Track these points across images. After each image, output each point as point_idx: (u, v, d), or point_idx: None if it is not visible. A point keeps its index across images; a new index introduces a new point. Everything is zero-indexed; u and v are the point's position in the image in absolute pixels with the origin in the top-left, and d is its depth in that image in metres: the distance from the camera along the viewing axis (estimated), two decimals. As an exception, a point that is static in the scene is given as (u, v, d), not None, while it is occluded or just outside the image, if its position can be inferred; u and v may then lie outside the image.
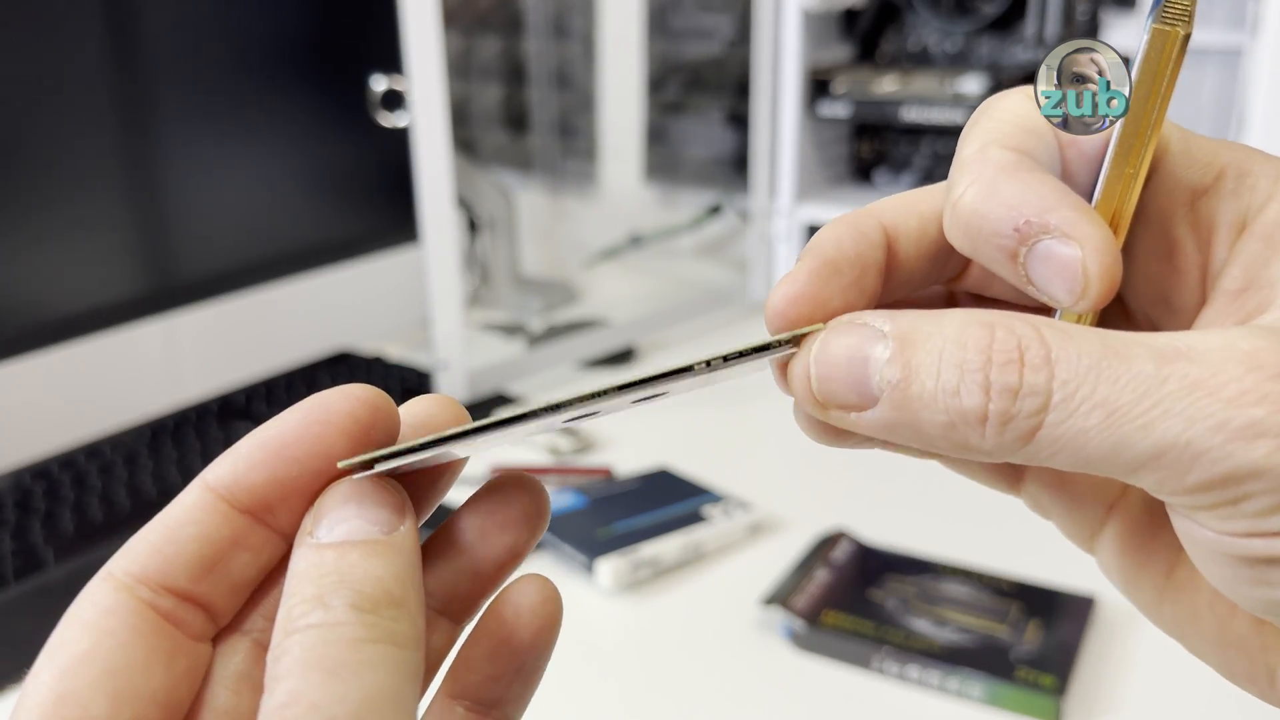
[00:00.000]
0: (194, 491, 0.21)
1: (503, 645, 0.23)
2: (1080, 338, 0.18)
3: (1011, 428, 0.18)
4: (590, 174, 1.39)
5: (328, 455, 0.21)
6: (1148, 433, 0.17)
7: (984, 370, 0.18)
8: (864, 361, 0.20)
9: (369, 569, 0.19)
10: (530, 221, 1.33)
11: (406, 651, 0.19)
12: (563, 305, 1.17)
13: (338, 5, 0.96)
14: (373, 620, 0.19)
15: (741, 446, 0.86)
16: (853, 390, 0.20)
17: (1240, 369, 0.17)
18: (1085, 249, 0.20)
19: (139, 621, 0.20)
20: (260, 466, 0.21)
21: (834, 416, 0.21)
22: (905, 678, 0.56)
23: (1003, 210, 0.20)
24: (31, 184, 0.77)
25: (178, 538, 0.21)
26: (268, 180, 0.94)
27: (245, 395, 0.90)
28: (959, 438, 0.19)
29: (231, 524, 0.21)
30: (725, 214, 1.26)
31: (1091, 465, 0.18)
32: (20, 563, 0.65)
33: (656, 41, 1.30)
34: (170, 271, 0.88)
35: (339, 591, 0.19)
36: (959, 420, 0.19)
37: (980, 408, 0.18)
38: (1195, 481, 0.18)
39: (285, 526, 0.21)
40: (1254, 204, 0.21)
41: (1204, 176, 0.21)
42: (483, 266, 1.17)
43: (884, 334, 0.20)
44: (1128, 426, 0.18)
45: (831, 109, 1.05)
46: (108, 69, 0.80)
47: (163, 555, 0.21)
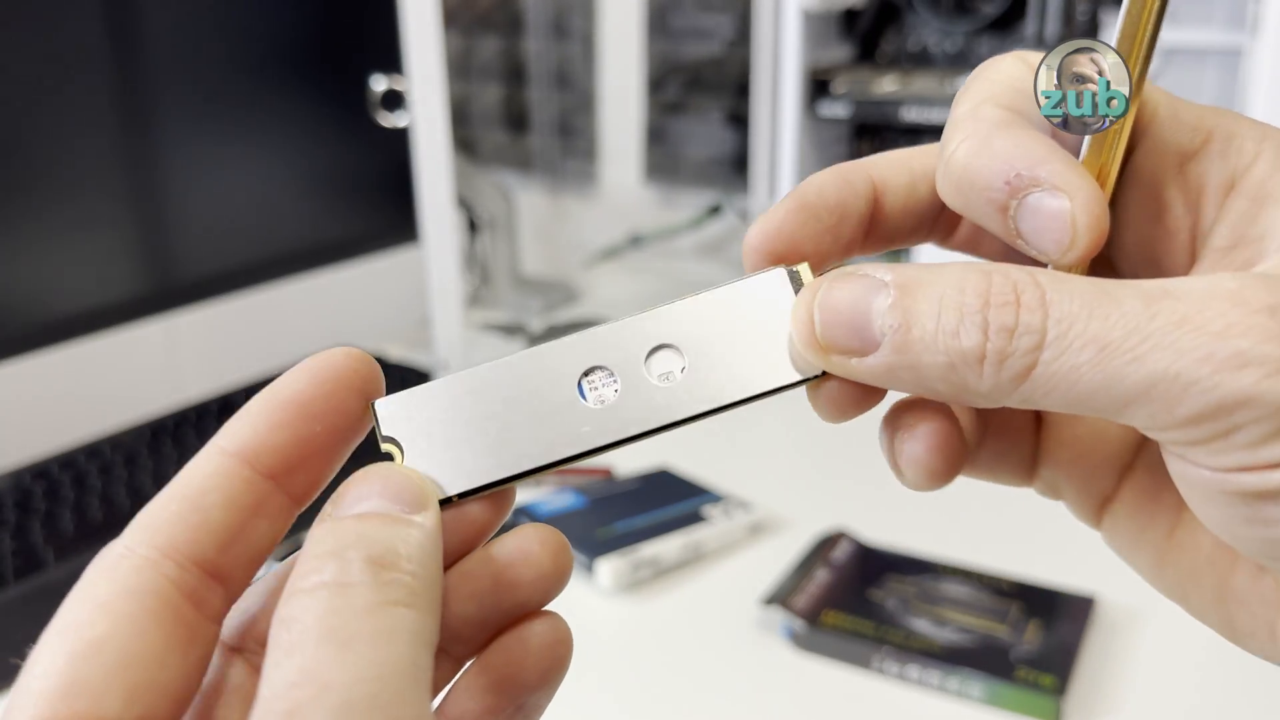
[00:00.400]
0: (211, 458, 0.20)
1: (507, 681, 0.22)
2: (1072, 282, 0.19)
3: (1008, 366, 0.19)
4: (590, 174, 1.39)
5: (342, 411, 0.21)
6: (1138, 366, 0.18)
7: (982, 312, 0.19)
8: (866, 308, 0.20)
9: (391, 533, 0.19)
10: (530, 221, 1.33)
11: (424, 616, 0.18)
12: (563, 305, 1.17)
13: (338, 5, 0.96)
14: (390, 578, 0.18)
15: (741, 446, 0.86)
16: (855, 336, 0.20)
17: (1225, 305, 0.18)
18: (1074, 201, 0.20)
19: (159, 605, 0.19)
20: (284, 426, 0.20)
21: (835, 362, 0.21)
22: (905, 678, 0.56)
23: (994, 164, 0.21)
24: (32, 184, 0.77)
25: (203, 505, 0.20)
26: (268, 180, 0.94)
27: (245, 395, 0.90)
28: (958, 379, 0.19)
29: (254, 489, 0.20)
30: (725, 214, 1.26)
31: (1084, 403, 0.19)
32: (20, 563, 0.65)
33: (656, 41, 1.30)
34: (170, 271, 0.88)
35: (356, 546, 0.18)
36: (958, 360, 0.19)
37: (978, 347, 0.19)
38: (1186, 413, 0.18)
39: (303, 490, 0.21)
40: (1240, 164, 0.21)
41: (1192, 140, 0.22)
42: (483, 266, 1.17)
43: (885, 283, 0.20)
44: (1118, 360, 0.18)
45: (831, 109, 1.05)
46: (108, 69, 0.80)
47: (189, 525, 0.19)
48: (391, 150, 0.91)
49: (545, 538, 0.23)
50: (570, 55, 1.38)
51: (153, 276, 0.87)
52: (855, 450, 0.79)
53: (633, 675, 0.58)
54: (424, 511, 0.20)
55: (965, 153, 0.21)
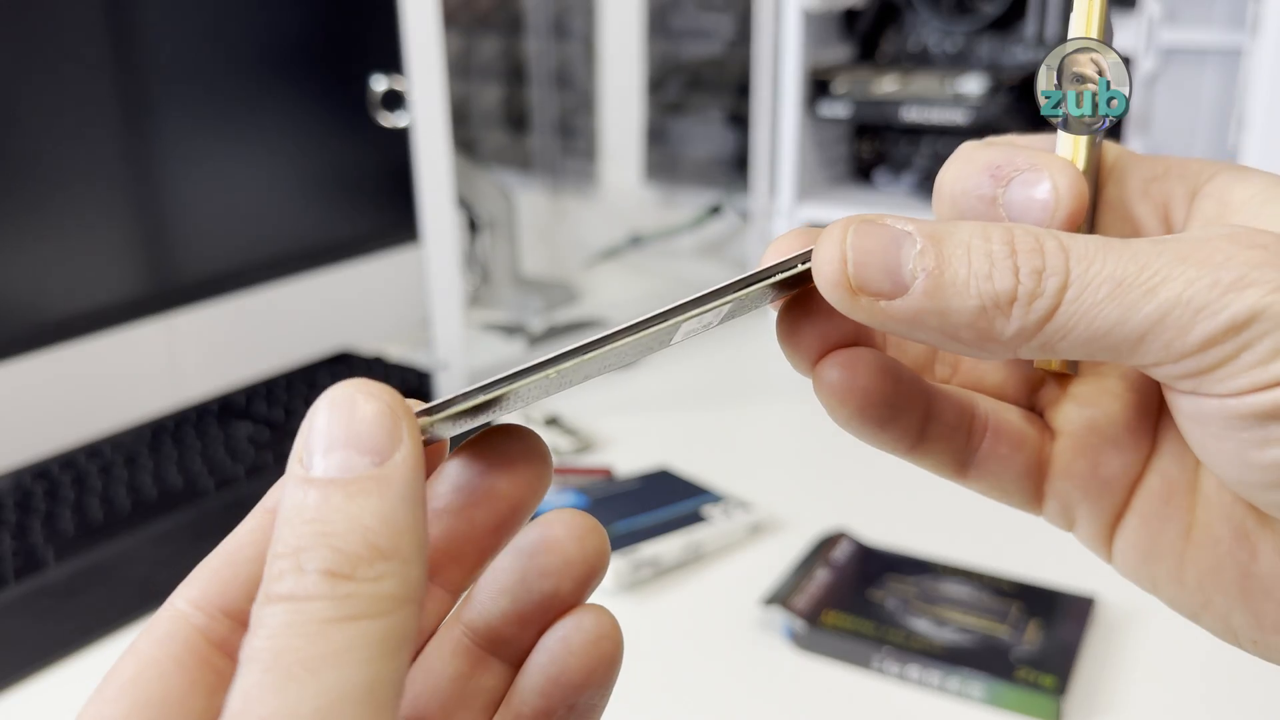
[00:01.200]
0: (254, 516, 0.21)
1: (553, 682, 0.22)
2: (1083, 235, 0.20)
3: (1036, 308, 0.20)
4: (590, 174, 1.39)
5: None
6: (1151, 297, 0.19)
7: (1011, 257, 0.20)
8: (898, 250, 0.21)
9: (352, 514, 0.18)
10: (530, 221, 1.33)
11: (390, 619, 0.18)
12: (563, 305, 1.17)
13: (338, 5, 0.96)
14: (348, 591, 0.17)
15: (741, 446, 0.86)
16: (887, 277, 0.21)
17: (1223, 243, 0.20)
18: (1052, 173, 0.22)
19: (182, 651, 0.20)
20: None
21: (863, 304, 0.21)
22: (905, 678, 0.56)
23: (976, 167, 0.23)
24: (34, 184, 0.77)
25: (236, 559, 0.20)
26: (268, 180, 0.94)
27: (245, 395, 0.90)
28: (985, 323, 0.20)
29: None
30: (725, 214, 1.26)
31: (1099, 341, 0.20)
32: (21, 563, 0.65)
33: (657, 42, 1.30)
34: (171, 271, 0.88)
35: (316, 549, 0.18)
36: (990, 303, 0.20)
37: (1011, 289, 0.20)
38: (1198, 337, 0.19)
39: None
40: (1201, 177, 0.23)
41: (1153, 170, 0.24)
42: (483, 266, 1.17)
43: (909, 232, 0.21)
44: (1133, 294, 0.19)
45: (832, 109, 1.05)
46: (109, 69, 0.81)
47: (221, 578, 0.20)
48: (392, 150, 0.91)
49: (570, 520, 0.22)
50: (570, 55, 1.38)
51: (153, 276, 0.87)
52: (855, 450, 0.79)
53: (633, 675, 0.58)
54: (397, 451, 0.19)
55: (950, 169, 0.23)
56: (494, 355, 0.99)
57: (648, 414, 0.90)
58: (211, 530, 0.71)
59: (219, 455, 0.79)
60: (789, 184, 1.07)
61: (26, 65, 0.76)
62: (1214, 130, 0.98)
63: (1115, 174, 0.24)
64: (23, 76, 0.75)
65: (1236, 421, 0.20)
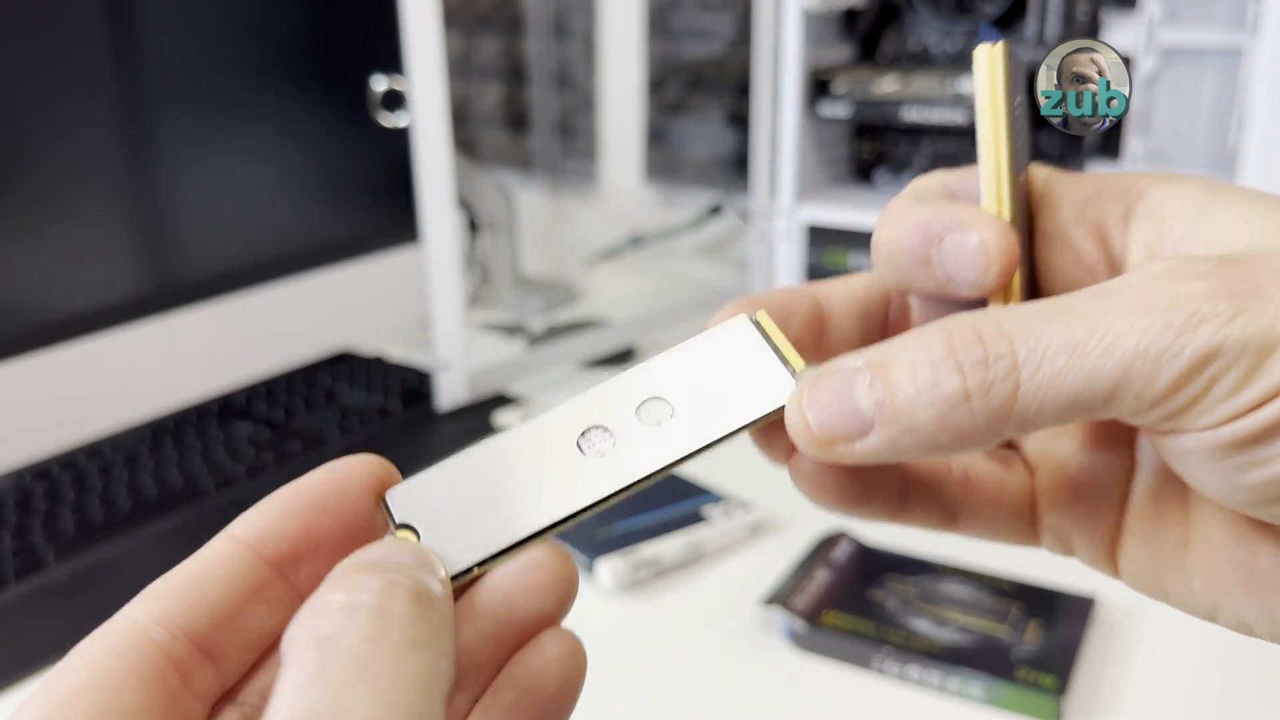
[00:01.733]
0: (220, 541, 0.21)
1: (526, 695, 0.22)
2: (1023, 307, 0.21)
3: (994, 394, 0.20)
4: (590, 174, 1.39)
5: (354, 509, 0.22)
6: (1110, 354, 0.19)
7: (952, 357, 0.20)
8: (850, 394, 0.21)
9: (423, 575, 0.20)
10: (530, 221, 1.33)
11: (448, 665, 0.19)
12: (563, 305, 1.17)
13: (338, 5, 0.96)
14: (427, 614, 0.18)
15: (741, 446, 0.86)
16: (848, 420, 0.21)
17: (1164, 283, 0.20)
18: (981, 231, 0.23)
19: (144, 667, 0.19)
20: (293, 516, 0.21)
21: (839, 452, 0.22)
22: (905, 678, 0.56)
23: (908, 228, 0.24)
24: (34, 184, 0.77)
25: (203, 582, 0.21)
26: (268, 180, 0.94)
27: (246, 395, 0.90)
28: (954, 425, 0.21)
29: (256, 573, 0.21)
30: (725, 214, 1.26)
31: (1074, 406, 0.20)
32: (21, 562, 0.65)
33: (657, 42, 1.30)
34: (171, 271, 0.88)
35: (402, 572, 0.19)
36: (947, 407, 0.20)
37: (960, 387, 0.20)
38: (1165, 382, 0.19)
39: (307, 583, 0.21)
40: (1132, 195, 0.24)
41: (1084, 192, 0.24)
42: (483, 266, 1.17)
43: (858, 368, 0.22)
44: (1091, 355, 0.20)
45: (832, 109, 1.05)
46: (109, 69, 0.81)
47: (186, 599, 0.20)
48: (392, 150, 0.91)
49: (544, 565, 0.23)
50: (571, 55, 1.38)
51: (153, 276, 0.87)
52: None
53: (633, 675, 0.58)
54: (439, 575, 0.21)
55: (884, 232, 0.24)
56: (494, 355, 0.99)
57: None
58: (212, 530, 0.71)
59: (219, 455, 0.79)
60: (789, 184, 1.07)
61: (28, 66, 0.76)
62: (1214, 130, 0.98)
63: (1047, 201, 0.24)
64: (24, 77, 0.75)
65: (1219, 452, 0.20)
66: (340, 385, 0.92)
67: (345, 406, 0.89)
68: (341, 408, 0.88)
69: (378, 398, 0.90)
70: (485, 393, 0.91)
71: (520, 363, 0.95)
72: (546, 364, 0.97)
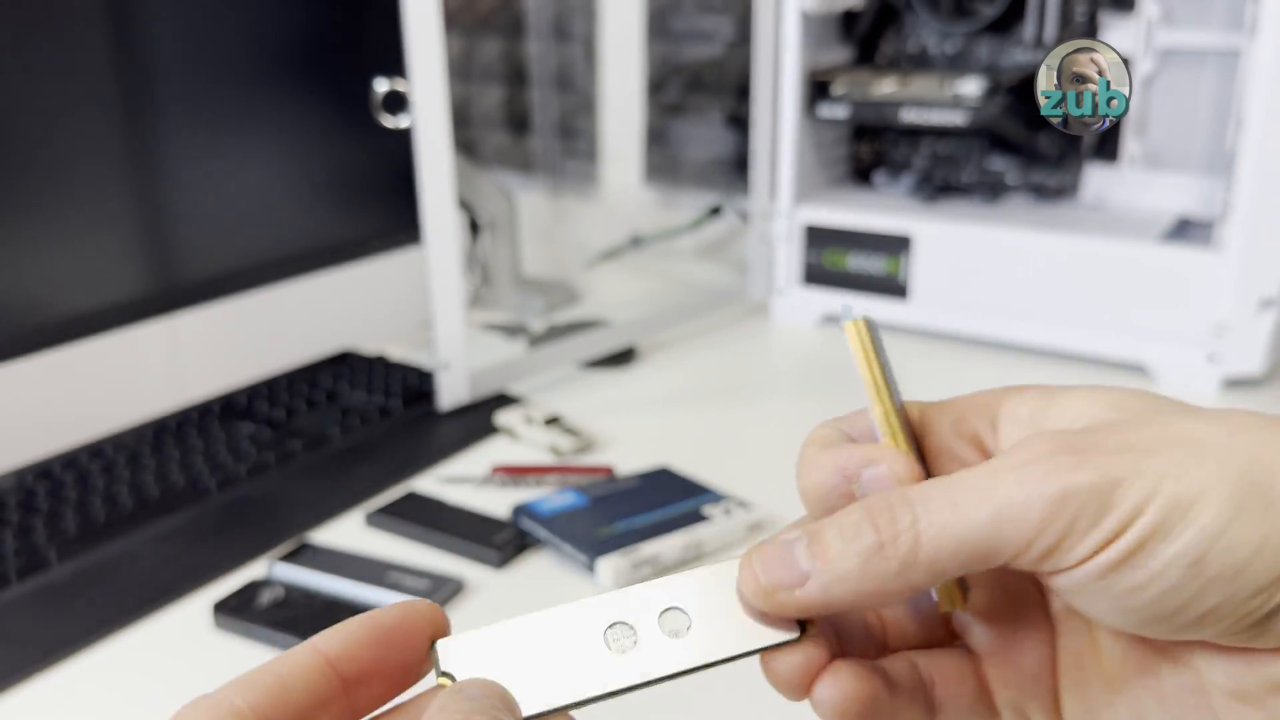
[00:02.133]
0: (304, 648, 0.25)
1: None
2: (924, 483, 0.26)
3: (901, 542, 0.25)
4: (591, 175, 1.40)
5: (415, 649, 0.26)
6: (986, 502, 0.24)
7: (869, 519, 0.25)
8: (791, 553, 0.26)
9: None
10: (531, 222, 1.34)
11: None
12: (564, 306, 1.18)
13: (340, 8, 0.96)
14: None
15: (741, 446, 0.87)
16: (789, 572, 0.26)
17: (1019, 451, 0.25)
18: (889, 462, 0.28)
19: None
20: (368, 644, 0.26)
21: (781, 599, 0.26)
22: (906, 676, 0.56)
23: (827, 471, 0.28)
24: (36, 185, 0.78)
25: (287, 683, 0.24)
26: (270, 181, 0.94)
27: (247, 396, 0.90)
28: (874, 571, 0.25)
29: (329, 685, 0.25)
30: (725, 215, 1.27)
31: (969, 550, 0.24)
32: (23, 562, 0.65)
33: (657, 43, 1.31)
34: (173, 272, 0.88)
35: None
36: (866, 555, 0.25)
37: (875, 539, 0.25)
38: (1034, 520, 0.24)
39: (363, 703, 0.26)
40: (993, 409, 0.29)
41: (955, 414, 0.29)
42: (484, 267, 1.18)
43: (798, 536, 0.26)
44: (968, 507, 0.24)
45: (831, 110, 1.05)
46: (111, 70, 0.81)
47: (272, 694, 0.24)
48: (393, 152, 0.91)
49: None
50: (571, 57, 1.38)
51: (156, 277, 0.87)
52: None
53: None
54: None
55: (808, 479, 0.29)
56: (495, 355, 0.99)
57: (648, 414, 0.90)
58: (213, 530, 0.71)
59: (221, 455, 0.80)
60: (788, 185, 1.07)
61: (29, 66, 0.76)
62: (1212, 131, 0.98)
63: (927, 428, 0.29)
64: (25, 78, 0.76)
65: (1101, 582, 0.24)
66: (342, 385, 0.93)
67: (347, 406, 0.89)
68: (343, 407, 0.88)
69: (379, 397, 0.90)
70: (486, 392, 0.91)
71: (521, 363, 0.96)
72: (547, 364, 0.97)
